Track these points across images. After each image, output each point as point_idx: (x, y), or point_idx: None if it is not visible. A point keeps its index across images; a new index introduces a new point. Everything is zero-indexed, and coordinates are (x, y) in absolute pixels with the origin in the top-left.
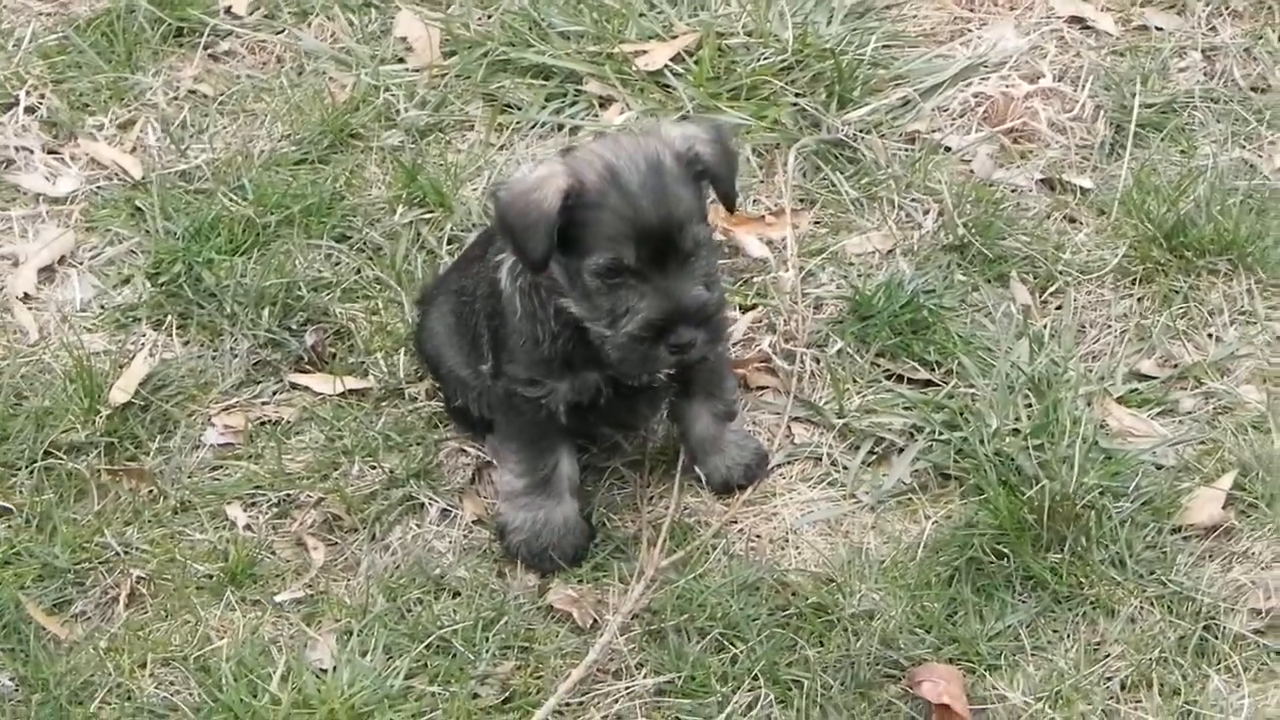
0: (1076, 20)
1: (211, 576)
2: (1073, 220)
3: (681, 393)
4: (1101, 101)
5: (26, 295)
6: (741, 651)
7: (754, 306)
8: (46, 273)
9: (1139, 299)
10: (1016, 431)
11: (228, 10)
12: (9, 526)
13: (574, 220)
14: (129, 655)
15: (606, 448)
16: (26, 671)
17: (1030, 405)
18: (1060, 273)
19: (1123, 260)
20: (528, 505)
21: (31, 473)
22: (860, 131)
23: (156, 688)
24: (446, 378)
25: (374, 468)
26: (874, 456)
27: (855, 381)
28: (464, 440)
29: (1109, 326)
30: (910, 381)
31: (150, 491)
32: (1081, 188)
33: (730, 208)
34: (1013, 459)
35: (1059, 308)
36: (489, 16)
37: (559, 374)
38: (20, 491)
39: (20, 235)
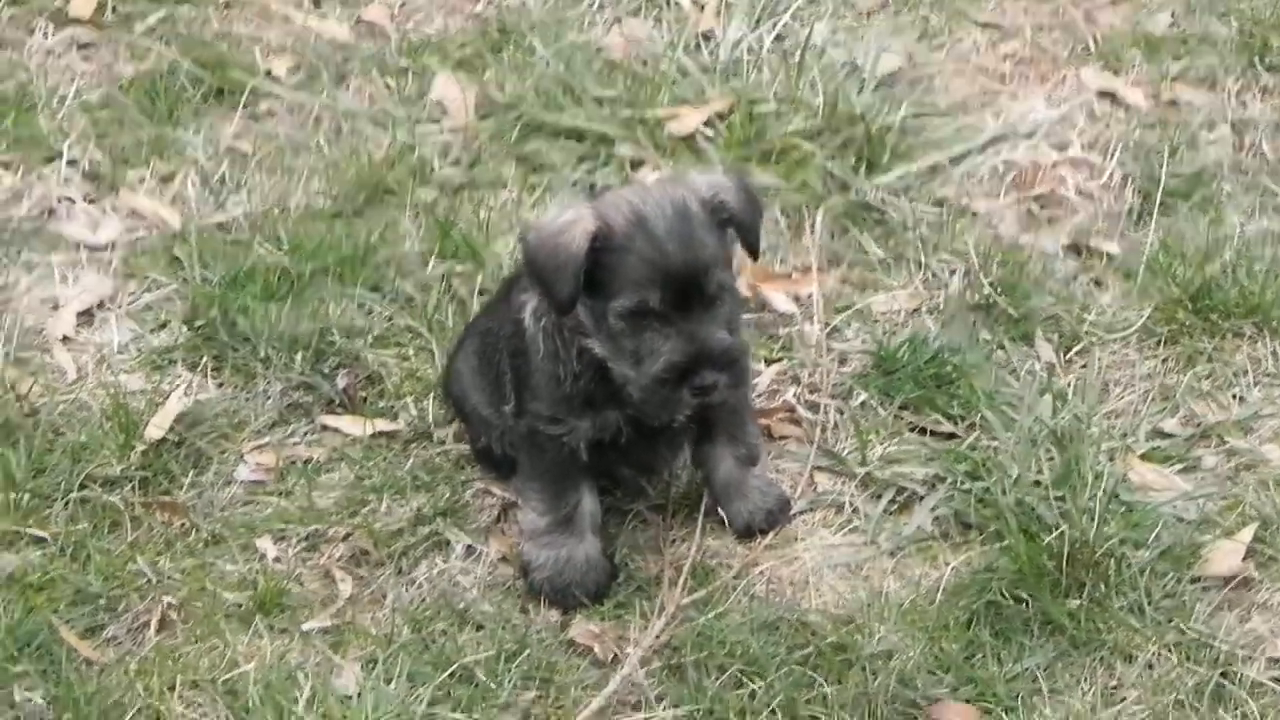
0: (1107, 94)
1: (241, 605)
2: (1098, 283)
3: (704, 437)
4: (1129, 171)
5: (65, 337)
6: (760, 687)
7: (779, 359)
8: (85, 316)
9: (1163, 359)
10: (1038, 483)
11: (268, 73)
12: (44, 554)
13: (600, 263)
14: (159, 677)
15: (630, 491)
16: (58, 691)
17: (1052, 458)
18: (1085, 333)
19: (1148, 321)
20: (550, 543)
21: (66, 504)
22: (889, 194)
23: (185, 709)
24: (470, 417)
25: (401, 505)
26: (895, 505)
27: (878, 432)
28: (489, 481)
29: (1133, 385)
30: (933, 434)
31: (182, 524)
32: (1108, 253)
33: (754, 255)
34: (1033, 508)
35: (1083, 366)
36: (523, 81)
37: (580, 412)
38: (55, 521)
39: (60, 280)
